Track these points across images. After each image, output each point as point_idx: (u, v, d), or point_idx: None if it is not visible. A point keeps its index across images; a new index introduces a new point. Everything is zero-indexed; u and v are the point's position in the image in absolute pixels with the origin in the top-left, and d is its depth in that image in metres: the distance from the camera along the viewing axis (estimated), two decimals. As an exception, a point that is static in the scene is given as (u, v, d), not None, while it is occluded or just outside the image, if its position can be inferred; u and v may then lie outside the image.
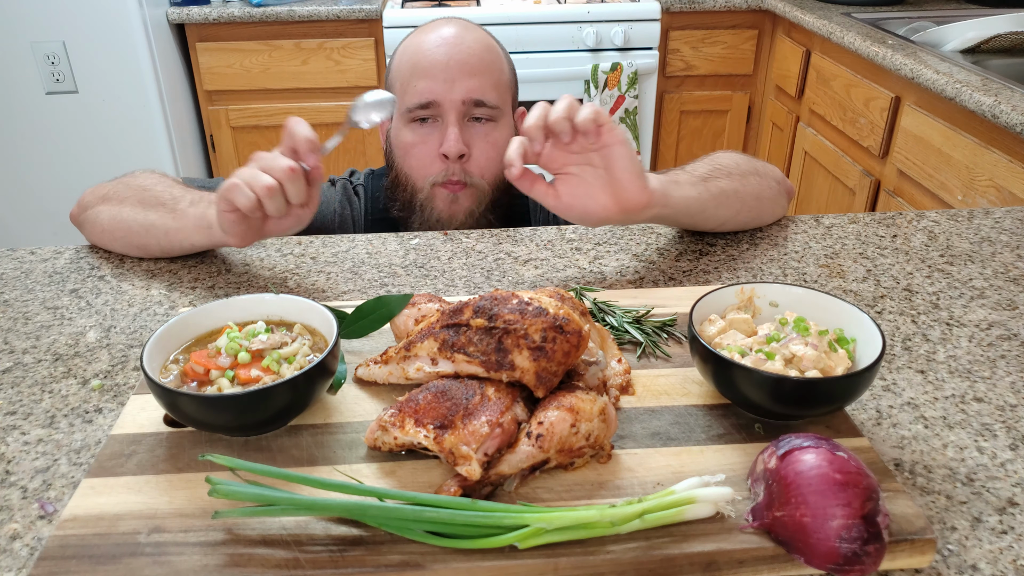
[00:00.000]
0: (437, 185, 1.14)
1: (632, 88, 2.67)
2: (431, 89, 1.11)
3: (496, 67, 1.16)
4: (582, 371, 0.66)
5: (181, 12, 2.56)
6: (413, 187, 1.16)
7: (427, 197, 1.15)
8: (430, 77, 1.11)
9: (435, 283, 0.96)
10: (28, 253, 1.05)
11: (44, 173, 2.61)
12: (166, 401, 0.62)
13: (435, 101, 1.11)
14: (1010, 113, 1.52)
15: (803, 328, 0.68)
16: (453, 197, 1.15)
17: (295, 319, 0.73)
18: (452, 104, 1.11)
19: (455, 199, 1.15)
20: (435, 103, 1.11)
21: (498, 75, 1.16)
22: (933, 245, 1.05)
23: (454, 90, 1.11)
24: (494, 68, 1.15)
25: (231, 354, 0.66)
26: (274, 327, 0.71)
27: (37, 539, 0.59)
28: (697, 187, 0.96)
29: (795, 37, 2.59)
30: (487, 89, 1.13)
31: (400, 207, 1.18)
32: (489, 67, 1.14)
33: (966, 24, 2.02)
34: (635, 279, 0.97)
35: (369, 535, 0.55)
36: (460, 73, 1.11)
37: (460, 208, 1.15)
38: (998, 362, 0.80)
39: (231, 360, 0.66)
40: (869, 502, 0.52)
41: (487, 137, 1.15)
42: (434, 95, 1.11)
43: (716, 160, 1.04)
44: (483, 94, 1.12)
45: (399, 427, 0.60)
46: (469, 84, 1.11)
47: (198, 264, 1.01)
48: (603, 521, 0.53)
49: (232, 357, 0.66)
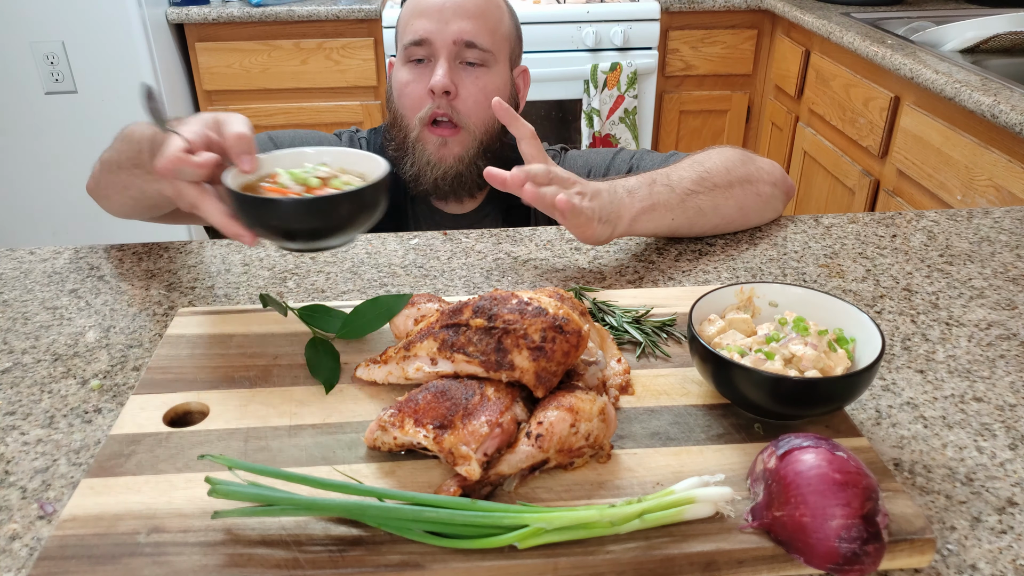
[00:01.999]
0: (428, 127, 1.17)
1: (631, 88, 2.67)
2: (425, 28, 1.15)
3: (493, 15, 1.19)
4: (582, 371, 0.66)
5: (180, 12, 2.56)
6: (406, 126, 1.20)
7: (417, 137, 1.18)
8: (426, 16, 1.16)
9: (435, 283, 0.96)
10: (27, 253, 1.05)
11: (43, 173, 2.61)
12: (269, 210, 0.71)
13: (427, 39, 1.15)
14: (1009, 113, 1.52)
15: (802, 328, 0.68)
16: (442, 141, 1.18)
17: (340, 164, 0.81)
18: (443, 43, 1.15)
19: (444, 143, 1.18)
20: (427, 41, 1.15)
21: (494, 23, 1.19)
22: (932, 245, 1.05)
23: (447, 30, 1.15)
24: (490, 15, 1.19)
25: (300, 182, 0.73)
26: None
27: (36, 539, 0.59)
28: (673, 211, 0.99)
29: (794, 37, 2.59)
30: (480, 32, 1.16)
31: (395, 147, 1.22)
32: (485, 13, 1.18)
33: (965, 24, 2.02)
34: (635, 279, 0.97)
35: (369, 535, 0.55)
36: (455, 14, 1.15)
37: (449, 153, 1.18)
38: (997, 362, 0.80)
39: (303, 188, 0.74)
40: (869, 502, 0.52)
41: (477, 81, 1.17)
42: (427, 33, 1.15)
43: (708, 164, 1.04)
44: (475, 36, 1.16)
45: (399, 427, 0.60)
46: (462, 25, 1.15)
47: (198, 264, 1.01)
48: (603, 521, 0.53)
49: (302, 185, 0.73)
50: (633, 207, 0.96)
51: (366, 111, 2.75)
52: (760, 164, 1.09)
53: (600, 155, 1.26)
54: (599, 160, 1.25)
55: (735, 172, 1.05)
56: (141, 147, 0.88)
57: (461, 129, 1.18)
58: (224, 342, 0.77)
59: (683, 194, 1.00)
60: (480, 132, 1.19)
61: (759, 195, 1.07)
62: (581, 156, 1.28)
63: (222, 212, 0.75)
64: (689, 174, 1.02)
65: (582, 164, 1.25)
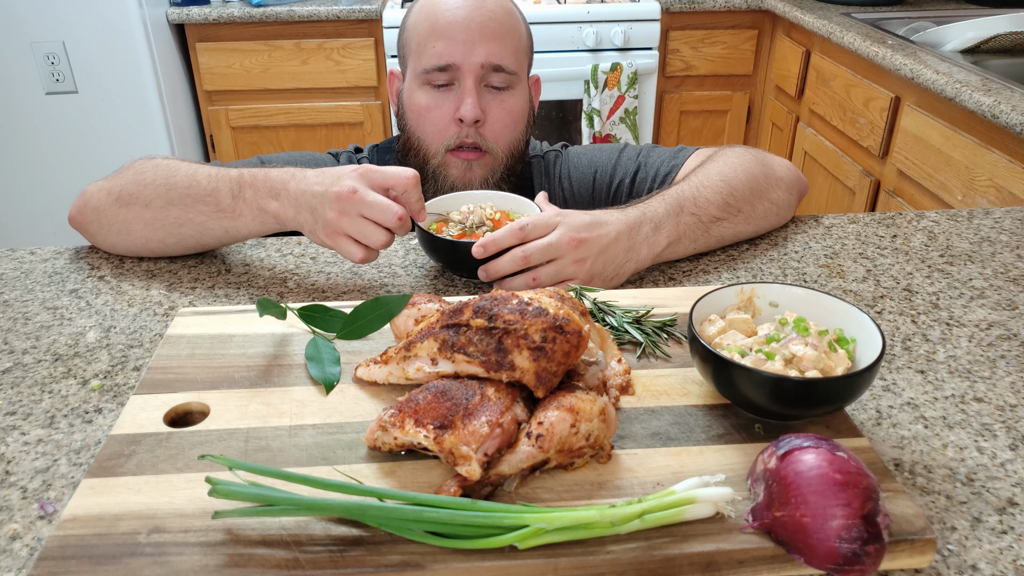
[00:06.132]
0: (451, 151, 1.13)
1: (632, 88, 2.67)
2: (450, 51, 1.09)
3: (516, 32, 1.15)
4: (582, 371, 0.66)
5: (181, 12, 2.56)
6: (426, 152, 1.15)
7: (440, 164, 1.14)
8: (449, 38, 1.09)
9: (435, 283, 0.96)
10: (28, 253, 1.05)
11: (44, 173, 2.61)
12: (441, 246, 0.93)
13: (454, 64, 1.10)
14: (1010, 113, 1.52)
15: (803, 328, 0.68)
16: (467, 165, 1.13)
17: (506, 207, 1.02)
18: (471, 68, 1.10)
19: (469, 167, 1.14)
20: (453, 66, 1.10)
21: (517, 40, 1.15)
22: (933, 245, 1.05)
23: (473, 53, 1.09)
24: (514, 33, 1.14)
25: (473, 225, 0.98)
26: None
27: (37, 539, 0.59)
28: (697, 241, 0.98)
29: (795, 37, 2.59)
30: (506, 54, 1.11)
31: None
32: (509, 32, 1.13)
33: (966, 24, 2.02)
34: (635, 279, 0.97)
35: (369, 535, 0.55)
36: (480, 36, 1.09)
37: (474, 176, 1.14)
38: (998, 362, 0.80)
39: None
40: (869, 502, 0.52)
41: (503, 104, 1.13)
42: (453, 58, 1.09)
43: (732, 177, 1.02)
44: (502, 59, 1.11)
45: (399, 427, 0.60)
46: (489, 48, 1.10)
47: (198, 264, 1.01)
48: (603, 521, 0.53)
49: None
50: (658, 244, 0.94)
51: (366, 111, 2.75)
52: (775, 168, 1.08)
53: (605, 152, 1.22)
54: (604, 158, 1.21)
55: (756, 185, 1.03)
56: (219, 186, 0.94)
57: (486, 153, 1.14)
58: (224, 342, 0.77)
59: (708, 222, 0.98)
60: (505, 155, 1.15)
61: (776, 206, 1.06)
62: (585, 153, 1.24)
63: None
64: (715, 198, 0.99)
65: (587, 162, 1.22)
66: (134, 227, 0.98)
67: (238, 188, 0.94)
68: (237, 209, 0.94)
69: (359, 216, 0.86)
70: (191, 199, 0.95)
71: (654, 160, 1.18)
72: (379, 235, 0.87)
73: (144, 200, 0.97)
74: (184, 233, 0.97)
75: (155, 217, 0.97)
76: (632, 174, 1.18)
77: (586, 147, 1.27)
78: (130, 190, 0.98)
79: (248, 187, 0.93)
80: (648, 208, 0.96)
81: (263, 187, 0.92)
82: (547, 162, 1.25)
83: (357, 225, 0.87)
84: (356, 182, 0.87)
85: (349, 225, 0.87)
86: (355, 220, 0.86)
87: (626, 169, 1.19)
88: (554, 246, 0.87)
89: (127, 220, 0.98)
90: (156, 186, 0.97)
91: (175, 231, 0.97)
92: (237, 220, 0.94)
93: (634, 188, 1.18)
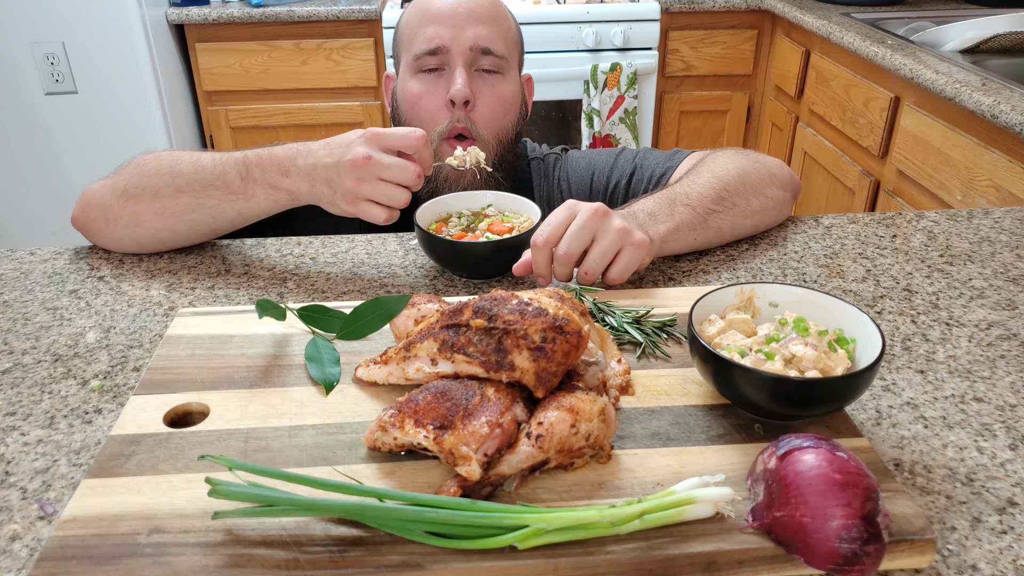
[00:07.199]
0: (446, 140, 1.14)
1: (631, 88, 2.67)
2: (439, 35, 1.12)
3: (504, 20, 1.17)
4: (582, 371, 0.66)
5: (180, 12, 2.56)
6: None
7: (436, 151, 1.14)
8: (438, 23, 1.12)
9: (435, 283, 0.96)
10: (28, 254, 1.05)
11: (44, 174, 2.61)
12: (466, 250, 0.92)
13: (443, 47, 1.12)
14: (1009, 113, 1.52)
15: (803, 328, 0.68)
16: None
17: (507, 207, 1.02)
18: (460, 50, 1.12)
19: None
20: (443, 48, 1.12)
21: (506, 28, 1.17)
22: (933, 245, 1.05)
23: (463, 36, 1.12)
24: (502, 20, 1.17)
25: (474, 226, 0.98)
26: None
27: (37, 540, 0.59)
28: (695, 231, 0.98)
29: (794, 37, 2.59)
30: (495, 38, 1.14)
31: None
32: (497, 18, 1.16)
33: (965, 24, 2.02)
34: (635, 279, 0.97)
35: (369, 535, 0.55)
36: (469, 20, 1.12)
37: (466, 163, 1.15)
38: (998, 362, 0.80)
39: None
40: (869, 502, 0.52)
41: (493, 88, 1.15)
42: (442, 40, 1.12)
43: (723, 174, 1.02)
44: (491, 42, 1.13)
45: (399, 427, 0.60)
46: (478, 31, 1.12)
47: (198, 264, 1.01)
48: (603, 521, 0.53)
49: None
50: (658, 231, 0.94)
51: (366, 111, 2.75)
52: (769, 167, 1.08)
53: (603, 156, 1.24)
54: (602, 161, 1.23)
55: (749, 181, 1.04)
56: (225, 169, 0.95)
57: (476, 140, 1.14)
58: (224, 342, 0.77)
59: (704, 213, 0.98)
60: (495, 143, 1.16)
61: (772, 201, 1.06)
62: (584, 157, 1.26)
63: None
64: (708, 192, 1.00)
65: (585, 165, 1.24)
66: (144, 218, 0.99)
67: (245, 169, 0.95)
68: (248, 190, 0.95)
69: (378, 180, 0.88)
70: (200, 184, 0.96)
71: (650, 162, 1.19)
72: (402, 194, 0.89)
73: (152, 190, 0.97)
74: (196, 219, 0.98)
75: (165, 206, 0.97)
76: (628, 176, 1.19)
77: (585, 151, 1.29)
78: (136, 182, 0.98)
79: (255, 167, 0.94)
80: (639, 203, 0.98)
81: (270, 165, 0.93)
82: (547, 164, 1.26)
83: (379, 189, 0.89)
84: (367, 147, 0.88)
85: (371, 190, 0.89)
86: (376, 185, 0.88)
87: (622, 171, 1.20)
88: (586, 225, 0.85)
89: (136, 212, 0.99)
90: (162, 175, 0.97)
91: (187, 218, 0.98)
92: (249, 201, 0.95)
93: (630, 189, 1.19)
